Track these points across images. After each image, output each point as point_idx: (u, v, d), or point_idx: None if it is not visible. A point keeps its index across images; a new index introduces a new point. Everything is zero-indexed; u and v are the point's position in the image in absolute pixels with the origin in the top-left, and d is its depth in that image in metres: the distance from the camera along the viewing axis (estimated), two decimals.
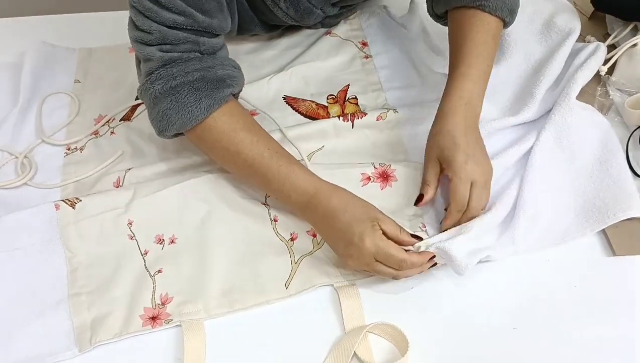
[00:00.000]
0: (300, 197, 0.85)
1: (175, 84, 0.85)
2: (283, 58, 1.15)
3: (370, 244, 0.79)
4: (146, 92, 0.88)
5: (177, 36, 0.85)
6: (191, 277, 0.85)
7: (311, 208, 0.84)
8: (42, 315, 0.82)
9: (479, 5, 0.92)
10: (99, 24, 1.25)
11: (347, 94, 1.07)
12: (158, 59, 0.86)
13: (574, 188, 0.92)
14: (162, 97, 0.86)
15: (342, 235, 0.81)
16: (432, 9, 1.02)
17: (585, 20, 1.16)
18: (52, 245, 0.88)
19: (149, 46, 0.86)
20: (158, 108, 0.87)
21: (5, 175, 0.98)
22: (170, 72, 0.86)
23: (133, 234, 0.89)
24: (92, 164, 0.99)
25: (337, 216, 0.82)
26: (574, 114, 0.95)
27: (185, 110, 0.85)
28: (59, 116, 1.07)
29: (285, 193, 0.85)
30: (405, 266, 0.79)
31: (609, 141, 0.94)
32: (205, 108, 0.86)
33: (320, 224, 0.85)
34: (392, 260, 0.79)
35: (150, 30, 0.85)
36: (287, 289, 0.84)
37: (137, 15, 0.85)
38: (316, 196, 0.84)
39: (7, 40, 1.20)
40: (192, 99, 0.85)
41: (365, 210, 0.82)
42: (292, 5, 1.04)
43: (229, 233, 0.89)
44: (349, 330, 0.80)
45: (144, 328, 0.81)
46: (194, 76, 0.86)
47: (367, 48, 1.16)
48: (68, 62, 1.16)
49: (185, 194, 0.91)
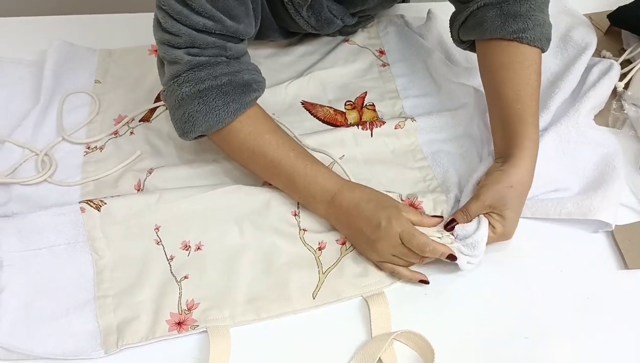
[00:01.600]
0: (326, 195, 0.87)
1: (203, 88, 0.86)
2: (301, 64, 1.16)
3: (396, 225, 0.82)
4: (172, 94, 0.88)
5: (206, 40, 0.86)
6: (217, 284, 0.85)
7: (336, 204, 0.87)
8: (68, 314, 0.82)
9: (518, 37, 0.88)
10: (118, 25, 1.26)
11: (364, 101, 1.08)
12: (186, 62, 0.86)
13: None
14: (189, 100, 0.87)
15: (369, 221, 0.84)
16: (459, 35, 0.99)
17: (601, 35, 1.17)
18: (78, 246, 0.88)
19: (177, 49, 0.87)
20: (184, 110, 0.88)
21: (25, 172, 0.99)
22: (198, 76, 0.86)
23: (159, 239, 0.89)
24: (112, 163, 1.00)
25: (362, 205, 0.85)
26: (580, 131, 0.96)
27: (213, 113, 0.86)
28: (79, 115, 1.08)
29: (311, 192, 0.88)
30: (427, 249, 0.81)
31: (612, 161, 0.94)
32: (232, 112, 0.87)
33: (345, 219, 0.87)
34: (415, 241, 0.81)
35: (179, 33, 0.85)
36: (315, 299, 0.84)
37: (165, 18, 0.86)
38: (340, 191, 0.87)
39: (29, 39, 1.21)
40: (220, 103, 0.86)
41: (389, 198, 0.87)
42: (313, 14, 1.05)
43: (256, 241, 0.89)
44: (372, 339, 0.80)
45: (170, 333, 0.81)
46: (222, 80, 0.87)
47: (384, 56, 1.17)
48: (89, 62, 1.17)
49: (214, 202, 0.92)
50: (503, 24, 0.89)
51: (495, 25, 0.89)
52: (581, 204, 0.90)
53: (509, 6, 0.89)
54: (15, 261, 0.86)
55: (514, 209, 0.84)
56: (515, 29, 0.88)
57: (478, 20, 0.92)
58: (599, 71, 1.05)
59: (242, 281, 0.86)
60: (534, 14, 0.89)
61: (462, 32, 0.97)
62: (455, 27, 0.98)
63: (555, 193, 0.93)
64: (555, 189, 0.93)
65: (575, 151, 0.97)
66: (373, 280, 0.86)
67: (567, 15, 1.15)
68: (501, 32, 0.89)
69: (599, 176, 0.94)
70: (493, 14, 0.90)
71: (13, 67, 1.14)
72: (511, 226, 0.85)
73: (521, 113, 0.87)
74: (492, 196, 0.84)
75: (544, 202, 0.91)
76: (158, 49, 0.90)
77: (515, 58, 0.89)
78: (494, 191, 0.84)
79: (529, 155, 0.85)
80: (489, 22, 0.90)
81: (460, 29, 0.97)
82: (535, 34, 0.88)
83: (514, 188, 0.83)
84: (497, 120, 0.90)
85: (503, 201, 0.83)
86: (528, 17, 0.88)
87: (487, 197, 0.84)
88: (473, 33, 0.95)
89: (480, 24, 0.91)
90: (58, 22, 1.26)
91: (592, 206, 0.89)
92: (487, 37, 0.92)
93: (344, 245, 0.89)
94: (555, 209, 0.91)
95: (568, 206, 0.90)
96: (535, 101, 0.88)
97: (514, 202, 0.84)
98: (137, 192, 0.95)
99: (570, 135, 0.97)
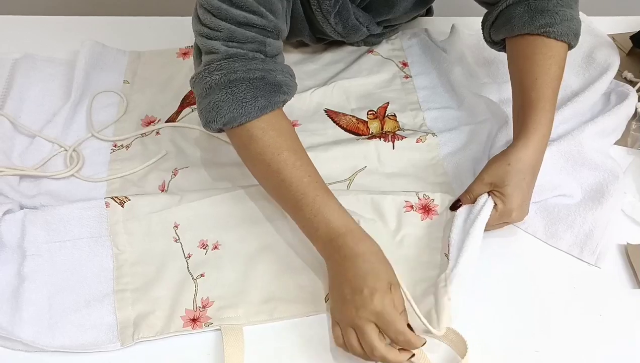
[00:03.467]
0: (329, 232, 0.81)
1: (234, 78, 0.85)
2: (326, 72, 1.18)
3: (378, 302, 0.74)
4: (201, 81, 0.87)
5: (245, 35, 0.86)
6: (233, 283, 0.86)
7: (335, 246, 0.80)
8: (88, 306, 0.84)
9: (545, 32, 0.91)
10: (148, 27, 1.29)
11: (386, 111, 1.09)
12: (223, 52, 0.86)
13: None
14: (217, 88, 0.86)
15: (355, 282, 0.76)
16: (490, 36, 1.02)
17: (624, 56, 1.18)
18: (101, 240, 0.89)
19: (215, 40, 0.86)
20: (210, 98, 0.86)
21: (54, 166, 1.01)
22: (232, 66, 0.85)
23: (178, 237, 0.91)
24: (137, 162, 1.02)
25: (358, 263, 0.78)
26: (581, 152, 0.97)
27: (240, 105, 0.84)
28: (107, 114, 1.11)
29: (315, 224, 0.82)
30: (399, 340, 0.74)
31: (606, 187, 0.95)
32: (259, 108, 0.85)
33: (337, 266, 0.80)
34: (391, 328, 0.74)
35: (219, 28, 0.86)
36: (327, 303, 0.85)
37: (205, 14, 0.86)
38: (344, 236, 0.80)
39: (62, 38, 1.24)
40: (249, 96, 0.85)
41: (386, 269, 0.78)
42: (340, 21, 1.07)
43: (273, 244, 0.90)
44: None
45: (185, 329, 0.82)
46: (255, 74, 0.86)
47: (407, 68, 1.18)
48: (118, 63, 1.20)
49: (233, 204, 0.93)
50: (531, 19, 0.91)
51: (523, 21, 0.92)
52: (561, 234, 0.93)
53: (536, 2, 0.92)
54: (41, 252, 0.88)
55: (514, 186, 0.87)
56: (543, 23, 0.91)
57: (507, 17, 0.95)
58: (616, 97, 1.06)
59: (258, 281, 0.87)
60: (561, 9, 0.91)
61: (492, 31, 1.00)
62: (486, 28, 1.01)
63: (561, 198, 0.95)
64: (561, 194, 0.95)
65: (573, 170, 0.97)
66: None
67: (590, 36, 1.16)
68: (529, 28, 0.92)
69: (590, 202, 0.94)
70: (521, 10, 0.93)
71: (46, 65, 1.17)
72: (513, 203, 0.87)
73: (535, 100, 0.89)
74: (491, 173, 0.88)
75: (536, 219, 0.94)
76: (196, 40, 0.89)
77: (539, 50, 0.92)
78: (492, 168, 0.88)
79: (535, 137, 0.88)
80: (517, 19, 0.93)
81: (491, 28, 1.00)
82: (563, 28, 0.91)
83: (511, 165, 0.86)
84: (516, 108, 0.93)
85: (501, 178, 0.87)
86: (555, 12, 0.91)
87: (486, 175, 0.88)
88: (503, 31, 0.97)
89: (509, 21, 0.94)
90: (90, 22, 1.29)
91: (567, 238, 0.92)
92: (516, 33, 0.94)
93: None
94: (545, 230, 0.93)
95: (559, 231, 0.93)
96: (552, 89, 0.90)
97: (512, 179, 0.86)
98: (161, 192, 0.97)
99: (570, 153, 0.97)
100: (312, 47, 1.23)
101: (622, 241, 0.92)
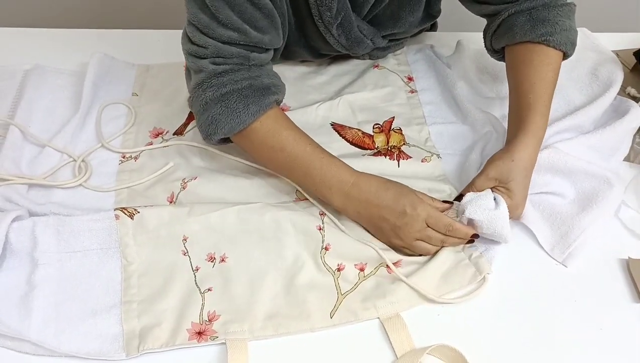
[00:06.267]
0: (342, 185, 0.91)
1: (225, 92, 0.92)
2: (331, 86, 1.19)
3: (421, 209, 0.87)
4: (197, 99, 0.94)
5: (230, 51, 0.92)
6: (239, 297, 0.87)
7: (353, 195, 0.90)
8: (94, 316, 0.84)
9: (544, 40, 0.96)
10: (156, 40, 1.31)
11: (392, 125, 1.10)
12: (210, 71, 0.92)
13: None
14: (212, 104, 0.93)
15: (392, 209, 0.88)
16: (491, 44, 1.06)
17: (627, 72, 1.19)
18: (110, 251, 0.90)
19: (203, 59, 0.93)
20: (208, 114, 0.93)
21: (63, 176, 1.02)
22: (221, 81, 0.92)
23: (186, 250, 0.91)
24: (146, 173, 1.03)
25: (381, 194, 0.89)
26: (578, 162, 0.97)
27: (235, 115, 0.92)
28: (115, 125, 1.12)
29: (327, 183, 0.91)
30: (451, 230, 0.88)
31: (600, 192, 0.95)
32: (252, 113, 0.92)
33: (364, 208, 0.90)
34: (441, 223, 0.87)
35: (206, 45, 0.92)
36: (332, 319, 0.85)
37: (194, 32, 0.92)
38: (357, 183, 0.90)
39: (72, 50, 1.26)
40: (241, 106, 0.92)
41: (405, 186, 0.91)
42: (343, 32, 1.09)
43: (279, 259, 0.90)
44: (402, 355, 0.81)
45: (190, 342, 0.82)
46: (243, 84, 0.92)
47: (412, 83, 1.19)
48: (127, 76, 1.21)
49: (242, 218, 0.93)
50: (532, 28, 0.97)
51: (525, 29, 0.97)
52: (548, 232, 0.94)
53: (537, 12, 0.97)
54: (52, 262, 0.88)
55: (518, 182, 0.90)
56: (543, 32, 0.96)
57: (509, 26, 1.00)
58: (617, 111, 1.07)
59: (263, 297, 0.87)
60: (560, 19, 0.97)
61: (494, 39, 1.05)
62: (488, 36, 1.06)
63: (552, 196, 0.97)
64: (552, 192, 0.97)
65: (569, 172, 0.98)
66: (390, 301, 0.86)
67: (594, 52, 1.17)
68: (530, 35, 0.97)
69: (576, 206, 0.95)
70: (523, 19, 0.98)
71: (55, 76, 1.19)
72: (518, 199, 0.91)
73: (532, 102, 0.94)
74: (496, 169, 0.91)
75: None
76: (186, 60, 0.96)
77: (538, 57, 0.97)
78: (498, 164, 0.91)
79: (533, 137, 0.92)
80: (518, 27, 0.98)
81: (492, 36, 1.05)
82: (562, 38, 0.96)
83: (515, 162, 0.90)
84: (512, 109, 0.97)
85: (507, 174, 0.90)
86: (555, 22, 0.96)
87: (491, 171, 0.91)
88: (504, 39, 1.01)
89: (511, 29, 0.99)
90: (99, 35, 1.31)
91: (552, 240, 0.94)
92: (517, 40, 0.99)
93: (362, 271, 0.90)
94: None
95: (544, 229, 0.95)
96: (548, 95, 0.95)
97: (517, 175, 0.90)
98: (169, 204, 0.98)
99: (566, 162, 0.97)
100: (317, 61, 1.24)
101: (624, 255, 0.92)
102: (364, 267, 0.90)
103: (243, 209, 0.94)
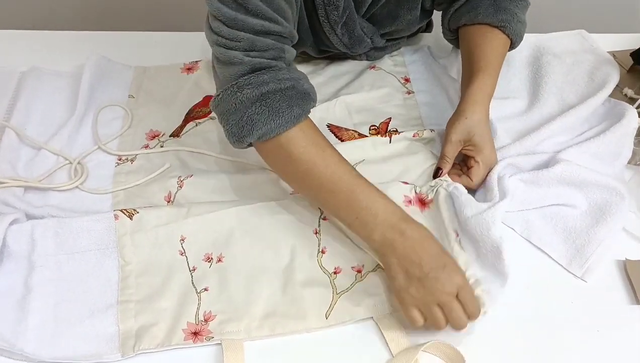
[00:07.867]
0: (389, 217, 0.83)
1: (267, 90, 0.84)
2: (328, 87, 1.19)
3: (461, 279, 0.81)
4: (230, 97, 0.86)
5: (266, 43, 0.86)
6: (235, 298, 0.87)
7: (398, 230, 0.82)
8: (92, 316, 0.84)
9: (502, 26, 1.03)
10: (153, 42, 1.30)
11: (388, 126, 1.10)
12: (246, 63, 0.85)
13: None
14: (248, 103, 0.85)
15: (433, 259, 0.80)
16: (449, 22, 1.11)
17: (624, 72, 1.19)
18: (108, 252, 0.90)
19: (234, 50, 0.86)
20: (242, 113, 0.85)
21: (59, 178, 1.02)
22: (262, 79, 0.85)
23: (184, 250, 0.91)
24: (142, 175, 1.03)
25: (430, 242, 0.82)
26: (583, 174, 0.96)
27: (277, 116, 0.84)
28: (112, 127, 1.12)
29: (373, 210, 0.83)
30: (479, 313, 0.81)
31: (613, 204, 0.94)
32: (296, 116, 0.85)
33: (404, 248, 0.82)
34: (475, 301, 0.81)
35: (238, 38, 0.85)
36: (327, 319, 0.85)
37: (220, 27, 0.85)
38: (405, 220, 0.83)
39: (68, 52, 1.25)
40: (284, 106, 0.84)
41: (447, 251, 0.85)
42: (347, 32, 1.09)
43: (275, 260, 0.91)
44: (397, 353, 0.81)
45: (186, 342, 0.83)
46: (286, 84, 0.86)
47: (409, 84, 1.19)
48: (123, 78, 1.21)
49: (239, 218, 0.93)
50: (495, 13, 1.04)
51: (488, 12, 1.04)
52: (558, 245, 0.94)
53: (500, 1, 1.04)
54: (49, 264, 0.88)
55: (480, 134, 0.96)
56: (503, 18, 1.03)
57: (473, 6, 1.06)
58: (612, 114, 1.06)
59: (259, 297, 0.87)
60: (518, 12, 1.05)
61: (453, 18, 1.10)
62: (447, 15, 1.11)
63: (564, 208, 0.96)
64: (564, 204, 0.96)
65: (580, 183, 0.96)
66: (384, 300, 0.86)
67: (592, 55, 1.17)
68: (491, 19, 1.04)
69: (589, 218, 0.95)
70: (487, 3, 1.05)
71: (52, 78, 1.19)
72: (487, 148, 0.96)
73: (483, 67, 0.99)
74: (455, 131, 0.96)
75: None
76: (213, 51, 0.88)
77: (492, 36, 1.04)
78: (455, 126, 0.96)
79: (480, 92, 0.97)
80: (482, 9, 1.05)
81: (452, 15, 1.10)
82: (516, 28, 1.04)
83: (468, 118, 0.95)
84: (464, 79, 1.03)
85: (467, 131, 0.95)
86: (515, 13, 1.04)
87: (452, 135, 0.96)
88: (465, 18, 1.07)
89: (475, 9, 1.05)
90: (96, 37, 1.31)
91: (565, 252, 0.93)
92: (478, 21, 1.05)
93: (359, 272, 0.90)
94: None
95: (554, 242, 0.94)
96: (498, 64, 1.02)
97: (476, 128, 0.95)
98: (167, 204, 0.98)
99: (572, 175, 0.96)
100: (314, 61, 1.24)
101: (621, 256, 0.92)
102: (361, 269, 0.90)
103: (241, 210, 0.94)
